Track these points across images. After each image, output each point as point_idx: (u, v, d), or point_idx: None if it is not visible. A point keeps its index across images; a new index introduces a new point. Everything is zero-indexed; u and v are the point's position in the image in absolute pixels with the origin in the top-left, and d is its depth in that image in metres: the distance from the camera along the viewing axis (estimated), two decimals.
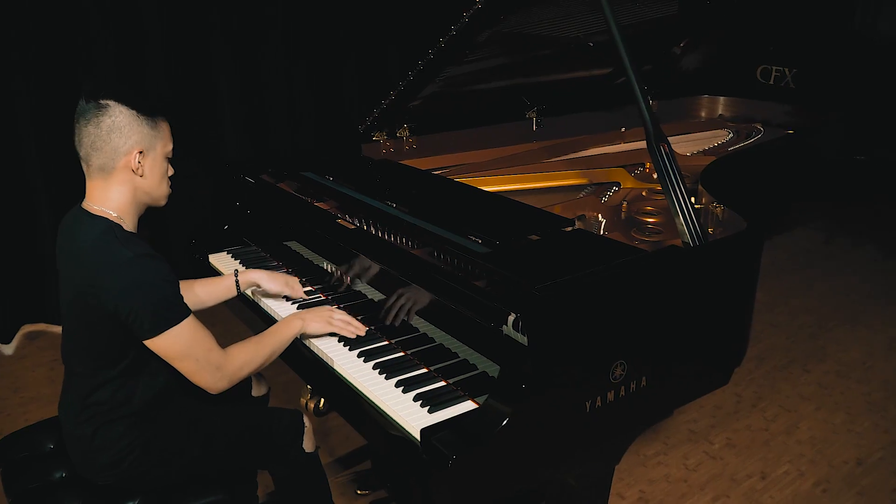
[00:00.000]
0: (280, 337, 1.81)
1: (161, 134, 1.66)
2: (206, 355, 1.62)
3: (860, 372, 3.31)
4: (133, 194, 1.65)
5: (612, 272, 1.57)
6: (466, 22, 2.22)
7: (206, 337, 1.63)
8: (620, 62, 1.84)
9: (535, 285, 1.48)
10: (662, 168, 1.78)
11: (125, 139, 1.59)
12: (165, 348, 1.58)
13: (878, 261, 4.65)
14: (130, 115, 1.59)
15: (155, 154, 1.65)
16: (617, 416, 1.62)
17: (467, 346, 1.71)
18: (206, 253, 2.51)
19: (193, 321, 1.61)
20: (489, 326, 1.49)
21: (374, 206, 2.08)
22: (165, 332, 1.56)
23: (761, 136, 3.32)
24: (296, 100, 4.14)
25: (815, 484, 2.57)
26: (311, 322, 1.85)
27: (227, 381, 1.67)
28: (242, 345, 1.73)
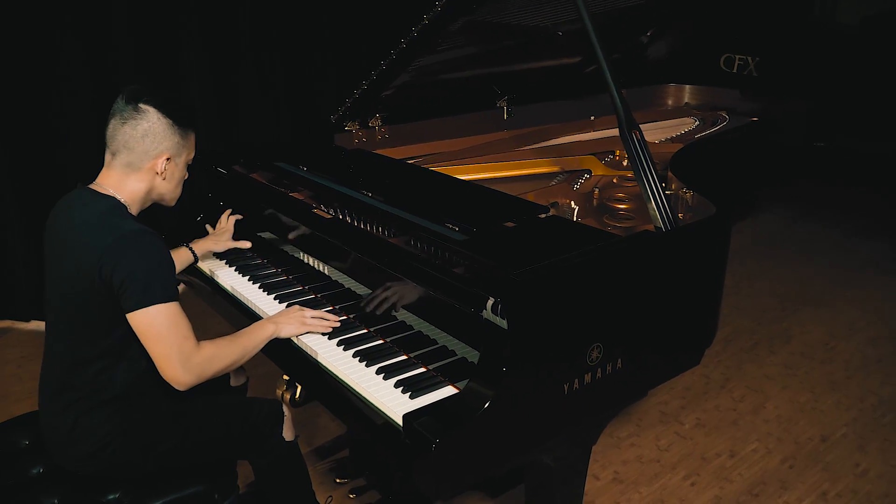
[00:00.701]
0: (252, 339, 1.80)
1: (189, 144, 1.78)
2: (181, 343, 1.62)
3: (823, 352, 3.41)
4: (148, 191, 1.74)
5: (587, 257, 1.60)
6: (439, 11, 2.23)
7: (185, 326, 1.64)
8: (592, 51, 1.86)
9: (513, 270, 1.50)
10: (634, 155, 1.81)
11: (157, 144, 1.70)
12: (146, 324, 1.59)
13: (839, 244, 4.78)
14: (166, 124, 1.70)
15: (179, 161, 1.77)
16: (594, 398, 1.66)
17: (446, 333, 1.73)
18: (179, 243, 2.49)
19: (179, 307, 1.63)
20: (469, 312, 1.51)
21: (349, 196, 2.09)
22: (150, 306, 1.58)
23: (726, 123, 3.39)
24: (267, 90, 4.12)
25: (782, 460, 2.65)
26: (285, 325, 1.84)
27: (195, 376, 1.65)
28: (215, 342, 1.73)
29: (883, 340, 3.52)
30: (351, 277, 1.99)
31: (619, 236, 1.75)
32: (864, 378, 3.19)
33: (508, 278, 1.48)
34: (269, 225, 2.33)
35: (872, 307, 3.87)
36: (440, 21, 2.26)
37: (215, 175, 2.54)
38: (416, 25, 2.28)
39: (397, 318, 1.85)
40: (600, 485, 2.52)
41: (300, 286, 2.14)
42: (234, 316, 2.15)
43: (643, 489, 2.51)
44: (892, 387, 3.12)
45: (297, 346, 1.85)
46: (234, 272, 2.26)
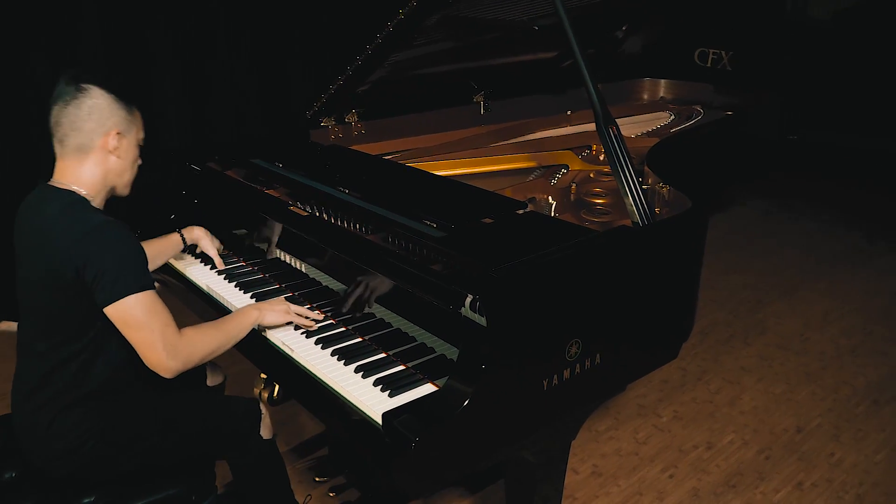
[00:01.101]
0: (237, 325, 1.79)
1: (136, 121, 1.75)
2: (162, 329, 1.60)
3: (798, 343, 3.45)
4: (104, 175, 1.70)
5: (565, 253, 1.60)
6: (414, 6, 2.22)
7: (165, 313, 1.62)
8: (568, 46, 1.86)
9: (492, 267, 1.50)
10: (612, 150, 1.82)
11: (105, 119, 1.66)
12: (123, 315, 1.57)
13: (812, 236, 4.84)
14: (110, 99, 1.67)
15: (130, 138, 1.73)
16: (573, 393, 1.66)
17: (424, 330, 1.72)
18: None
19: (155, 295, 1.61)
20: (448, 309, 1.51)
21: (326, 193, 2.07)
22: (126, 297, 1.56)
23: (701, 117, 3.41)
24: (239, 86, 4.07)
25: (759, 451, 2.68)
26: (268, 313, 1.83)
27: (181, 362, 1.63)
28: (198, 328, 1.71)
29: (855, 331, 3.57)
30: (328, 275, 1.98)
31: (596, 232, 1.75)
32: (838, 369, 3.23)
33: (487, 275, 1.47)
34: (245, 222, 2.30)
35: (845, 298, 3.92)
36: (416, 16, 2.25)
37: (189, 172, 2.50)
38: (392, 20, 2.27)
39: (375, 316, 1.84)
40: (579, 478, 2.53)
41: (277, 284, 2.12)
42: (210, 314, 2.12)
43: (622, 482, 2.52)
44: (866, 377, 3.17)
45: (274, 345, 1.84)
46: (209, 270, 2.24)
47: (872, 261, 4.43)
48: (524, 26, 2.80)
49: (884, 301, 3.89)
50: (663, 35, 4.00)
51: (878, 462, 2.61)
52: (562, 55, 3.31)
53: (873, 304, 3.85)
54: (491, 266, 1.50)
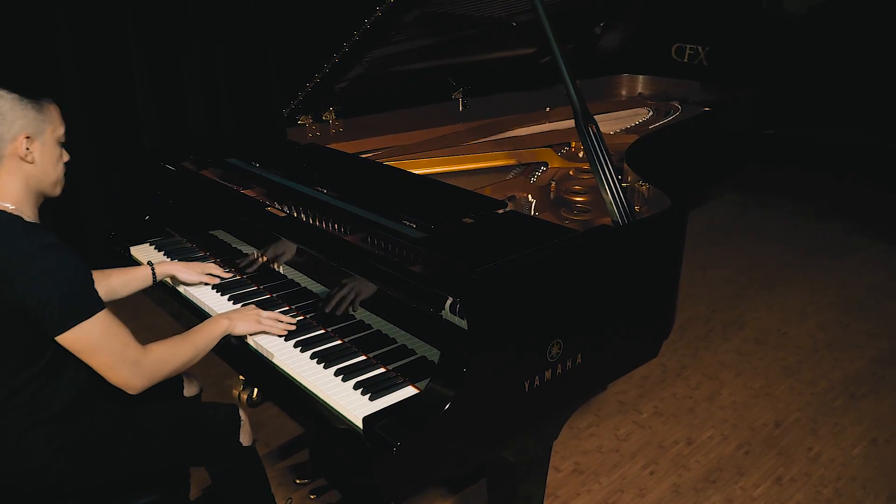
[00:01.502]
0: (205, 336, 1.75)
1: (49, 117, 1.60)
2: (122, 350, 1.55)
3: (776, 338, 3.48)
4: (25, 183, 1.59)
5: (546, 253, 1.59)
6: (392, 3, 2.20)
7: (122, 331, 1.56)
8: (547, 44, 1.85)
9: (473, 269, 1.49)
10: (591, 150, 1.81)
11: (9, 125, 1.53)
12: (78, 343, 1.51)
13: (789, 230, 4.88)
14: (12, 100, 1.54)
15: (44, 139, 1.59)
16: (555, 394, 1.65)
17: (405, 332, 1.70)
18: (126, 245, 2.42)
19: (107, 315, 1.54)
20: (428, 312, 1.49)
21: (304, 193, 2.05)
22: (77, 325, 1.49)
23: (679, 113, 3.42)
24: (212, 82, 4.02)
25: (738, 447, 2.70)
26: (239, 322, 1.79)
27: (146, 378, 1.59)
28: (164, 343, 1.66)
29: (832, 325, 3.60)
30: (307, 276, 1.95)
31: (576, 231, 1.74)
32: (815, 363, 3.26)
33: (467, 278, 1.46)
34: (222, 223, 2.27)
35: (822, 292, 3.96)
36: (394, 12, 2.23)
37: (163, 172, 2.46)
38: (369, 17, 2.24)
39: (355, 318, 1.82)
40: (561, 476, 2.53)
41: (255, 286, 2.09)
42: (186, 316, 2.09)
43: (603, 479, 2.53)
44: (842, 371, 3.20)
45: (252, 348, 1.81)
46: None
47: (848, 254, 4.48)
48: (502, 22, 2.78)
49: (859, 294, 3.93)
50: (641, 31, 4.01)
51: (856, 456, 2.64)
52: (540, 51, 3.31)
53: (849, 298, 3.89)
54: (471, 268, 1.49)
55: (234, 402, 2.11)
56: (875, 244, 4.62)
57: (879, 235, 4.75)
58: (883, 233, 4.79)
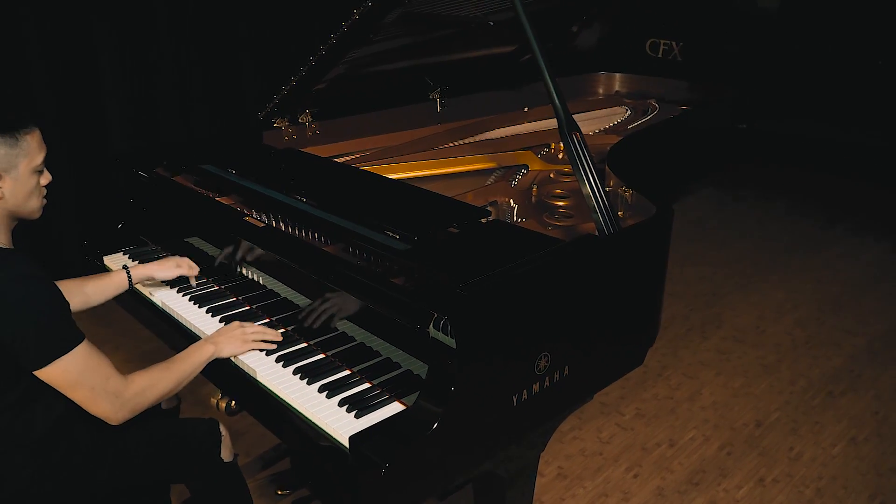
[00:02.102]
0: (190, 364, 1.70)
1: (24, 150, 1.51)
2: (104, 384, 1.50)
3: (754, 336, 3.50)
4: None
5: (534, 265, 1.57)
6: (369, 5, 2.16)
7: (103, 363, 1.52)
8: (528, 46, 1.83)
9: (460, 284, 1.46)
10: (575, 158, 1.79)
11: None
12: (57, 378, 1.46)
13: (764, 226, 4.92)
14: None
15: (17, 173, 1.51)
16: (543, 407, 1.64)
17: (389, 344, 1.67)
18: (100, 254, 2.36)
19: (87, 347, 1.49)
20: (415, 329, 1.46)
21: (283, 202, 2.00)
22: (55, 361, 1.44)
23: (657, 112, 3.41)
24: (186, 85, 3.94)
25: (720, 447, 2.71)
26: (225, 345, 1.74)
27: (128, 410, 1.55)
28: (147, 372, 1.61)
29: (809, 322, 3.64)
30: (288, 286, 1.91)
31: (562, 241, 1.72)
32: (793, 361, 3.29)
33: (455, 293, 1.43)
34: (197, 230, 2.21)
35: (798, 288, 3.99)
36: (373, 14, 2.19)
37: (136, 180, 2.40)
38: (347, 19, 2.20)
39: (338, 330, 1.78)
40: (545, 481, 2.52)
41: (234, 297, 2.04)
42: (163, 328, 2.04)
43: (587, 483, 2.52)
44: (820, 369, 3.23)
45: (233, 363, 1.77)
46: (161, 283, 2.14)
47: (822, 249, 4.52)
48: (479, 21, 2.75)
49: (835, 290, 3.97)
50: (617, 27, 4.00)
51: (836, 455, 2.66)
52: (518, 50, 3.28)
53: (826, 294, 3.93)
54: (458, 282, 1.46)
55: (211, 410, 2.06)
56: (847, 238, 4.68)
57: (851, 230, 4.81)
58: (854, 227, 4.85)
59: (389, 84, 3.00)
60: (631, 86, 3.93)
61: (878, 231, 4.79)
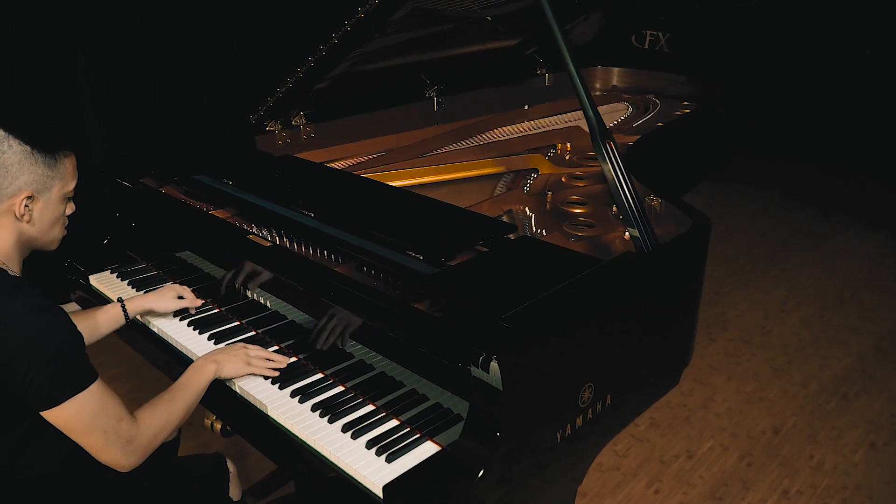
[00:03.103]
0: (194, 389, 1.56)
1: (60, 173, 1.43)
2: (116, 427, 1.37)
3: (760, 336, 3.42)
4: (17, 239, 1.41)
5: (577, 289, 1.44)
6: (377, 3, 2.01)
7: (115, 403, 1.38)
8: (558, 52, 1.70)
9: (501, 315, 1.33)
10: (612, 170, 1.66)
11: (11, 179, 1.36)
12: (69, 420, 1.32)
13: (759, 219, 4.85)
14: (23, 152, 1.36)
15: (49, 197, 1.42)
16: (585, 439, 1.52)
17: (411, 372, 1.54)
18: (85, 274, 2.19)
19: (101, 385, 1.36)
20: (456, 367, 1.33)
21: (289, 218, 1.85)
22: (69, 399, 1.30)
23: (659, 109, 3.30)
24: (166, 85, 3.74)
25: (740, 458, 2.62)
26: (227, 364, 1.61)
27: (140, 455, 1.42)
28: (153, 407, 1.47)
29: (814, 320, 3.57)
30: (294, 307, 1.76)
31: (598, 259, 1.60)
32: (803, 362, 3.21)
33: (498, 327, 1.30)
34: (190, 244, 2.04)
35: (799, 285, 3.93)
36: (382, 10, 2.04)
37: (121, 192, 2.23)
38: (354, 16, 2.05)
39: (354, 356, 1.64)
40: None
41: (237, 321, 1.89)
42: (156, 355, 1.88)
43: (608, 501, 2.42)
44: (831, 370, 3.16)
45: (243, 398, 1.62)
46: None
47: (818, 243, 4.47)
48: (476, 16, 2.62)
49: (836, 286, 3.92)
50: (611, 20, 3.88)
51: (857, 463, 2.59)
52: (517, 46, 3.16)
53: (827, 290, 3.87)
54: (498, 313, 1.33)
55: (205, 431, 1.93)
56: (843, 231, 4.63)
57: (845, 222, 4.77)
58: (848, 219, 4.81)
59: (384, 82, 2.85)
60: (628, 80, 3.82)
61: (872, 223, 4.75)
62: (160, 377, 1.97)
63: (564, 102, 3.30)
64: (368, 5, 2.01)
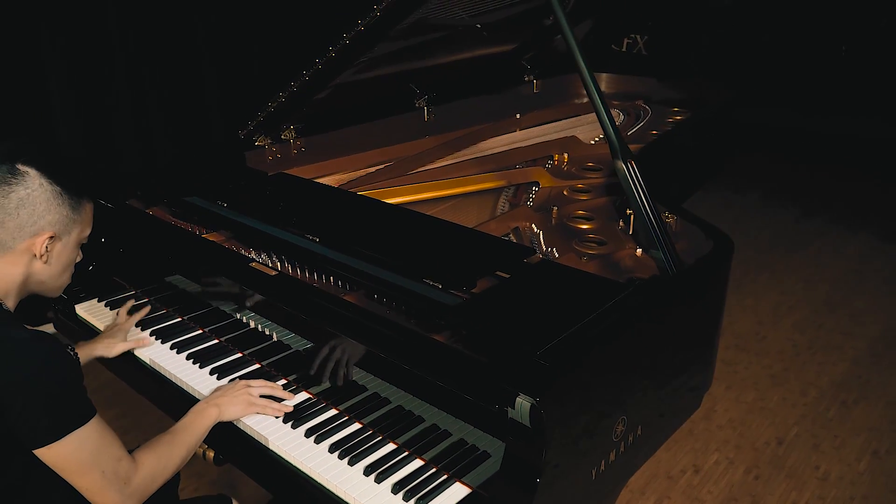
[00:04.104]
0: (195, 433, 1.49)
1: (82, 218, 1.42)
2: (115, 466, 1.29)
3: (756, 343, 3.40)
4: (25, 279, 1.36)
5: (611, 320, 1.38)
6: (378, 16, 1.93)
7: (114, 442, 1.31)
8: (578, 69, 1.64)
9: (535, 350, 1.26)
10: (635, 192, 1.60)
11: (37, 218, 1.33)
12: (65, 458, 1.24)
13: (742, 220, 4.85)
14: (52, 192, 1.34)
15: (68, 240, 1.39)
16: (617, 473, 1.46)
17: (429, 405, 1.46)
18: (70, 303, 2.07)
19: (100, 422, 1.29)
20: (493, 409, 1.25)
21: (295, 244, 1.76)
22: (67, 435, 1.22)
23: (650, 116, 3.26)
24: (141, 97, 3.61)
25: (746, 471, 2.59)
26: (229, 406, 1.53)
27: (138, 499, 1.34)
28: (152, 449, 1.40)
29: (807, 325, 3.56)
30: (304, 338, 1.66)
31: (626, 285, 1.54)
32: (800, 369, 3.20)
33: (535, 365, 1.23)
34: (181, 267, 1.93)
35: (790, 289, 3.92)
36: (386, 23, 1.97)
37: (105, 215, 2.11)
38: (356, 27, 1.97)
39: (367, 388, 1.56)
40: None
41: (238, 352, 1.79)
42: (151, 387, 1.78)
43: None
44: (828, 376, 3.15)
45: (254, 439, 1.53)
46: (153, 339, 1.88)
47: (804, 245, 4.48)
48: (466, 24, 2.55)
49: (825, 289, 3.92)
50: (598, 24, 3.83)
51: (863, 472, 2.57)
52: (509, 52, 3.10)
53: (816, 294, 3.87)
54: (532, 349, 1.26)
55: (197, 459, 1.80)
56: (826, 232, 4.65)
57: (829, 222, 4.79)
58: (831, 219, 4.83)
59: (373, 93, 2.76)
60: (616, 86, 3.76)
61: (856, 222, 4.78)
62: (143, 403, 1.88)
63: (554, 110, 3.25)
64: (370, 18, 1.93)
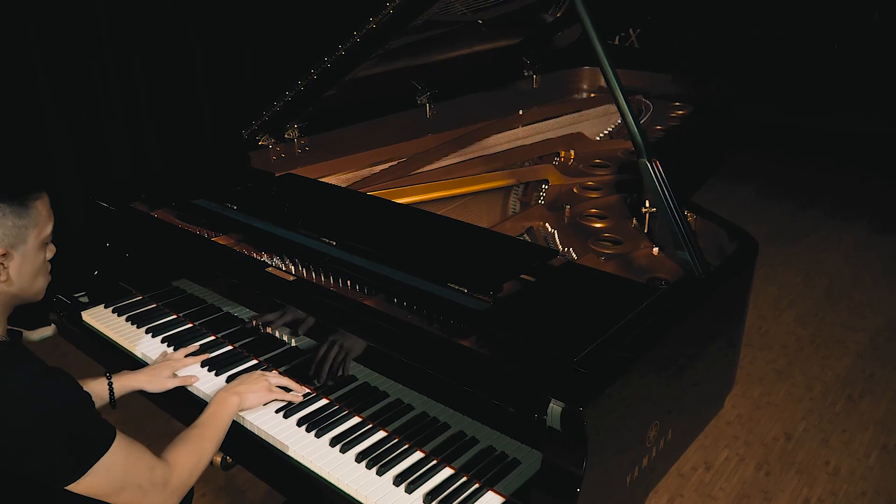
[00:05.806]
0: (221, 423, 1.48)
1: (33, 220, 1.28)
2: (149, 476, 1.27)
3: (759, 338, 3.41)
4: None
5: (644, 324, 1.36)
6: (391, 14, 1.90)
7: (142, 452, 1.28)
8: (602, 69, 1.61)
9: (572, 358, 1.24)
10: (660, 192, 1.58)
11: None
12: (99, 486, 1.21)
13: (738, 214, 4.83)
14: None
15: (26, 248, 1.27)
16: (648, 479, 1.44)
17: (453, 410, 1.43)
18: (76, 310, 2.02)
19: (123, 439, 1.25)
20: (531, 418, 1.23)
21: (313, 249, 1.72)
22: (93, 466, 1.18)
23: (652, 111, 3.25)
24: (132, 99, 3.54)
25: (757, 467, 2.59)
26: (249, 394, 1.53)
27: (178, 497, 1.34)
28: (182, 447, 1.38)
29: (808, 319, 3.57)
30: (322, 344, 1.62)
31: (654, 287, 1.52)
32: (804, 363, 3.20)
33: (572, 372, 1.21)
34: (192, 272, 1.89)
35: (789, 282, 3.93)
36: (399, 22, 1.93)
37: (107, 218, 2.06)
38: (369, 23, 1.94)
39: (389, 394, 1.53)
40: None
41: (254, 358, 1.75)
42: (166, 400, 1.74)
43: None
44: (833, 370, 3.15)
45: (273, 447, 1.49)
46: (160, 345, 1.84)
47: (800, 238, 4.49)
48: (467, 20, 2.52)
49: (824, 283, 3.93)
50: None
51: (872, 466, 2.58)
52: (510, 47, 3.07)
53: (816, 287, 3.88)
54: (568, 356, 1.24)
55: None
56: (823, 225, 4.67)
57: (824, 215, 4.80)
58: (826, 212, 4.85)
59: (376, 90, 2.72)
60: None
61: (850, 214, 4.80)
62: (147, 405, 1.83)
63: (555, 106, 3.22)
64: (383, 15, 1.89)
